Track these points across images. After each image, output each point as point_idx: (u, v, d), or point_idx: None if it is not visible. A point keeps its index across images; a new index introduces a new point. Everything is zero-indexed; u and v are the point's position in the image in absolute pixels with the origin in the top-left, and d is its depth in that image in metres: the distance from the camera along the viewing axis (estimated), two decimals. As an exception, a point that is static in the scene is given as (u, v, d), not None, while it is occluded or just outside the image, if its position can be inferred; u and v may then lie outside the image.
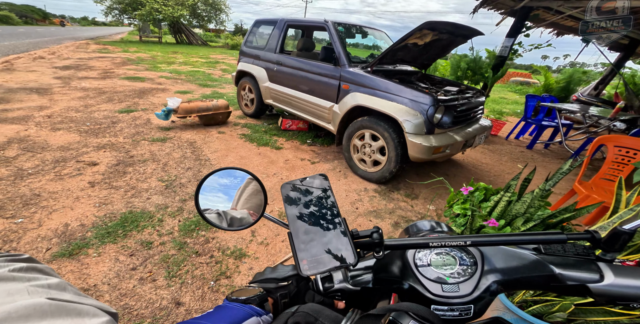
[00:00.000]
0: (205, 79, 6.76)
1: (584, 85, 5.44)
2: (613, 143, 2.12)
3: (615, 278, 0.32)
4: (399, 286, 0.39)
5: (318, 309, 0.36)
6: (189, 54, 12.54)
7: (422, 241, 0.35)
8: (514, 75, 15.13)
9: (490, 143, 4.01)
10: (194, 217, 1.84)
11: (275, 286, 0.45)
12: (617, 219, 1.01)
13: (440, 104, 2.19)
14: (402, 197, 2.37)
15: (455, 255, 0.39)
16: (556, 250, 0.36)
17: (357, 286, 0.43)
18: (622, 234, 0.32)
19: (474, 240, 0.33)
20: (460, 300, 0.35)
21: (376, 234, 0.36)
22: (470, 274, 0.37)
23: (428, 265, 0.39)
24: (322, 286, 0.44)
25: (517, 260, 0.37)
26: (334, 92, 2.76)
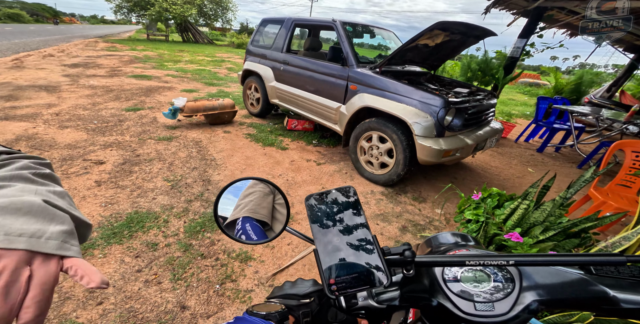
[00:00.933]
0: (211, 78, 6.77)
1: (595, 87, 5.31)
2: (631, 149, 2.05)
3: None
4: (427, 303, 0.37)
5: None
6: (195, 52, 12.60)
7: (456, 259, 0.33)
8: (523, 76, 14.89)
9: (500, 146, 3.93)
10: (200, 218, 1.82)
11: (296, 304, 0.43)
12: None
13: (451, 106, 2.14)
14: (409, 200, 2.33)
15: (489, 271, 0.37)
16: (609, 270, 0.34)
17: (383, 303, 0.41)
18: None
19: (518, 260, 0.31)
20: (494, 319, 0.33)
21: (408, 252, 0.34)
22: (508, 292, 0.34)
23: (457, 280, 0.37)
24: (345, 304, 0.42)
25: (562, 279, 0.34)
26: (341, 92, 2.72)
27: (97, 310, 1.21)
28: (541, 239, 1.19)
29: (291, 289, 0.46)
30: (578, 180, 1.24)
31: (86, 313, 1.19)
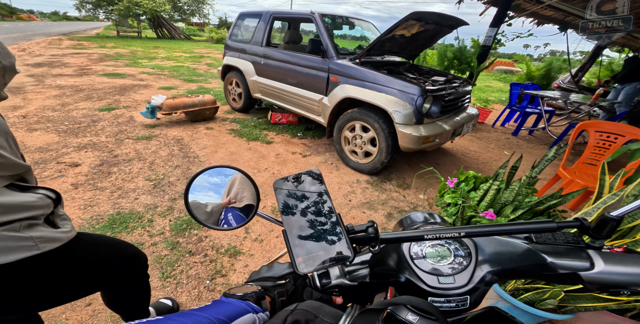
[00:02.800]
0: (190, 74, 6.54)
1: (564, 73, 5.61)
2: (594, 129, 2.20)
3: (605, 265, 0.33)
4: (396, 279, 0.39)
5: (317, 306, 0.35)
6: (172, 48, 12.07)
7: (417, 234, 0.35)
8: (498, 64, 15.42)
9: (478, 131, 4.10)
10: (185, 216, 1.81)
11: (272, 285, 0.44)
12: (602, 204, 1.04)
13: (429, 94, 2.20)
14: (394, 187, 2.41)
15: (450, 246, 0.40)
16: (547, 238, 0.37)
17: (355, 281, 0.43)
18: (610, 221, 0.32)
19: (467, 231, 0.34)
20: (456, 291, 0.36)
21: (371, 228, 0.36)
22: (465, 265, 0.38)
23: (423, 257, 0.39)
24: (319, 283, 0.44)
25: (510, 250, 0.38)
26: (322, 84, 2.73)
27: (87, 311, 1.19)
28: (512, 218, 1.26)
29: (268, 272, 0.48)
30: (542, 159, 1.32)
31: (75, 314, 1.18)
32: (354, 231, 0.36)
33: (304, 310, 0.34)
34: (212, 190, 0.49)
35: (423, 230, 0.35)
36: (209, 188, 0.49)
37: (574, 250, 0.36)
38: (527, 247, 0.37)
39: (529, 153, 3.45)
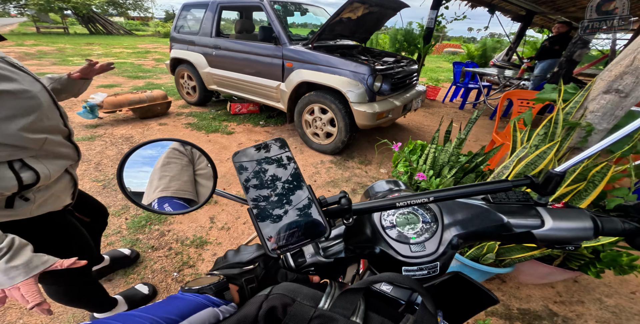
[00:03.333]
0: (136, 70, 5.98)
1: (497, 52, 6.27)
2: (516, 97, 2.53)
3: (553, 222, 0.34)
4: (371, 251, 0.39)
5: (294, 288, 0.32)
6: (110, 44, 10.81)
7: (388, 202, 0.35)
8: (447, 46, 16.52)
9: (430, 107, 4.44)
10: (144, 213, 1.74)
11: (238, 272, 0.40)
12: (515, 157, 1.20)
13: (378, 73, 2.33)
14: (356, 165, 2.54)
15: (417, 213, 0.40)
16: (502, 198, 0.39)
17: (330, 257, 0.41)
18: (555, 176, 0.34)
19: (436, 196, 0.34)
20: (427, 259, 0.37)
21: (344, 199, 0.34)
22: (433, 231, 0.38)
23: (394, 226, 0.39)
24: (293, 263, 0.42)
25: (471, 212, 0.39)
26: (278, 71, 2.73)
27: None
28: (448, 177, 1.39)
29: (234, 258, 0.43)
30: (468, 122, 1.50)
31: (34, 319, 1.11)
32: (327, 204, 0.34)
33: (280, 294, 0.31)
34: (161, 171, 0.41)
35: (394, 198, 0.35)
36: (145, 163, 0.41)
37: (525, 208, 0.37)
38: (486, 208, 0.38)
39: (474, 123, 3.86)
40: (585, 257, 1.12)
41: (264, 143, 0.35)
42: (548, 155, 1.07)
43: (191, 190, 0.41)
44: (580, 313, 1.31)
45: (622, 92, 1.02)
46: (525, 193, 0.38)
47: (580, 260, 1.14)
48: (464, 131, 1.49)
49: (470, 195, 0.35)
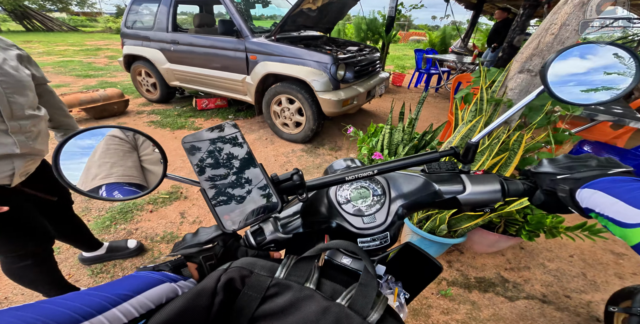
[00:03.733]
0: (85, 69, 5.51)
1: (455, 39, 6.65)
2: (465, 80, 2.76)
3: (472, 187, 0.39)
4: (328, 225, 0.41)
5: (252, 261, 0.33)
6: (52, 42, 9.74)
7: (338, 177, 0.38)
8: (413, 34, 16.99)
9: (397, 93, 4.65)
10: (107, 213, 1.70)
11: (196, 250, 0.40)
12: (457, 132, 1.33)
13: (340, 62, 2.41)
14: (327, 151, 2.64)
15: (368, 186, 0.43)
16: (435, 168, 0.43)
17: (289, 233, 0.43)
18: (471, 146, 0.39)
19: (379, 168, 0.38)
20: (378, 229, 0.40)
21: (296, 175, 0.35)
22: (382, 203, 0.41)
23: (349, 200, 0.42)
24: (254, 241, 0.43)
25: (412, 183, 0.43)
26: (242, 64, 2.70)
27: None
28: (402, 155, 1.51)
29: (192, 240, 0.43)
30: (418, 103, 1.63)
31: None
32: (279, 180, 0.36)
33: (238, 267, 0.32)
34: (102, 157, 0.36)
35: (343, 173, 0.38)
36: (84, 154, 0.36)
37: (453, 176, 0.42)
38: (423, 179, 0.43)
39: (435, 106, 4.11)
40: (519, 222, 1.27)
41: (213, 127, 0.36)
42: (477, 128, 1.22)
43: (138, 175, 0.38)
44: (527, 278, 1.43)
45: (532, 72, 1.18)
46: (453, 163, 0.44)
47: (515, 225, 1.30)
48: (414, 111, 1.62)
49: (407, 166, 0.40)
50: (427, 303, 1.27)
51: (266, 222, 0.44)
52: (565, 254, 1.61)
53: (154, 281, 0.30)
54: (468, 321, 1.21)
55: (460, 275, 1.42)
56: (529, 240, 1.23)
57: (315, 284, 0.30)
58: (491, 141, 1.21)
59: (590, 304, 1.33)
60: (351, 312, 0.28)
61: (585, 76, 0.37)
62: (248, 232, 0.44)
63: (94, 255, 1.34)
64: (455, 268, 1.46)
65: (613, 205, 0.27)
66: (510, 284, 1.40)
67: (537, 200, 0.38)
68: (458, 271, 1.44)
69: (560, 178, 0.34)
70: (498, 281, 1.41)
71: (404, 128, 1.58)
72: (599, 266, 1.54)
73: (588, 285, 1.43)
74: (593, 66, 0.36)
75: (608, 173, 0.31)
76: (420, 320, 1.20)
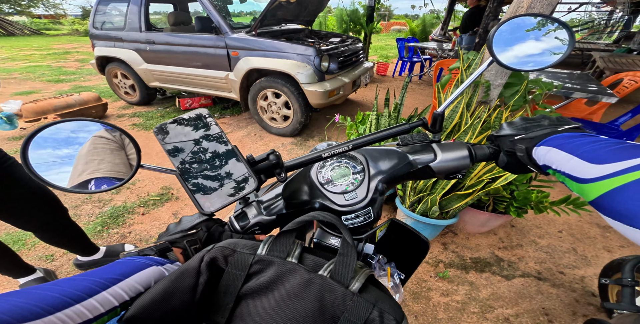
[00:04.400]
0: (56, 74, 5.22)
1: (435, 27, 6.73)
2: (446, 65, 2.82)
3: (442, 154, 0.41)
4: (311, 207, 0.42)
5: (234, 241, 0.33)
6: (16, 46, 9.11)
7: (315, 155, 0.39)
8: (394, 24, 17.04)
9: (382, 82, 4.70)
10: (97, 218, 1.66)
11: (180, 236, 0.40)
12: None
13: (324, 53, 2.41)
14: (317, 143, 2.65)
15: (349, 165, 0.44)
16: (408, 140, 0.45)
17: (272, 215, 0.43)
18: (438, 116, 0.42)
19: (353, 143, 0.39)
20: (360, 205, 0.40)
21: (272, 155, 0.36)
22: (362, 179, 0.42)
23: (330, 180, 0.42)
24: (238, 225, 0.43)
25: (388, 157, 0.44)
26: (224, 61, 2.65)
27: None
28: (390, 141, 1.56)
29: (176, 228, 0.43)
30: (402, 88, 1.65)
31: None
32: (255, 161, 0.36)
33: (220, 247, 0.32)
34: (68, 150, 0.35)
35: (319, 151, 0.39)
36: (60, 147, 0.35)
37: (425, 146, 0.44)
38: (398, 151, 0.44)
39: (420, 93, 4.19)
40: (506, 198, 1.31)
41: (183, 116, 0.36)
42: (459, 109, 1.27)
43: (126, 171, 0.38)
44: (521, 256, 1.46)
45: None
46: (425, 134, 0.46)
47: (503, 202, 1.34)
48: (399, 97, 1.65)
49: (380, 139, 0.41)
50: (427, 286, 1.29)
51: (249, 206, 0.44)
52: (554, 230, 1.63)
53: (141, 265, 0.30)
54: (468, 302, 1.23)
55: (456, 257, 1.44)
56: (518, 216, 1.26)
57: (297, 258, 0.31)
58: (473, 121, 1.25)
59: (584, 279, 1.34)
60: (333, 282, 0.28)
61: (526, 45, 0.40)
62: (231, 217, 0.44)
63: (90, 259, 1.31)
64: (450, 250, 1.48)
65: (568, 161, 0.27)
66: (505, 263, 1.42)
67: (501, 162, 0.40)
68: (454, 253, 1.47)
69: (518, 138, 0.35)
70: (493, 261, 1.43)
71: (389, 114, 1.61)
72: (587, 240, 1.58)
73: (579, 260, 1.45)
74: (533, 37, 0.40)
75: (558, 130, 0.32)
76: (422, 303, 1.21)
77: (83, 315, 0.23)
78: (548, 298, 1.27)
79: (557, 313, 1.20)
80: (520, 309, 1.21)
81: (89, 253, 1.29)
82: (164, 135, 0.35)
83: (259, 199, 0.46)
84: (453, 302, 1.23)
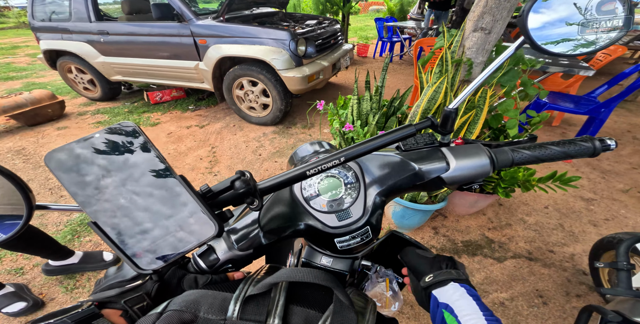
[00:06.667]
0: (4, 70, 4.70)
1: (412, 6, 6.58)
2: (426, 44, 2.76)
3: (457, 162, 0.34)
4: (295, 229, 0.35)
5: (195, 298, 0.26)
6: (-50, 42, 8.03)
7: (297, 172, 0.30)
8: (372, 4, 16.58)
9: (363, 64, 4.57)
10: (66, 227, 1.54)
11: (116, 292, 0.30)
12: (424, 95, 1.31)
13: (299, 37, 2.27)
14: (300, 130, 2.57)
15: (338, 175, 0.37)
16: (411, 144, 0.38)
17: (248, 249, 0.36)
18: (450, 113, 0.34)
19: (346, 154, 0.31)
20: (356, 225, 0.35)
21: (239, 182, 0.27)
22: (356, 193, 0.36)
23: (317, 195, 0.36)
24: (204, 264, 0.35)
25: (387, 165, 0.37)
26: (192, 49, 2.45)
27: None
28: (372, 124, 1.47)
29: (115, 275, 0.34)
30: (382, 70, 1.56)
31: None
32: (213, 193, 0.27)
33: (175, 311, 0.24)
34: None
35: (303, 166, 0.31)
36: None
37: (432, 151, 0.36)
38: (399, 159, 0.37)
39: (401, 73, 4.12)
40: (493, 179, 1.30)
41: (96, 132, 0.24)
42: (442, 89, 1.23)
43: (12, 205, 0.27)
44: (510, 236, 1.44)
45: (485, 30, 1.19)
46: (431, 135, 0.38)
47: (491, 183, 1.32)
48: (379, 79, 1.59)
49: (379, 147, 0.32)
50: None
51: (217, 240, 0.36)
52: (540, 206, 1.63)
53: None
54: None
55: (447, 241, 1.42)
56: (506, 196, 1.25)
57: (281, 317, 0.25)
58: None
59: (574, 257, 1.33)
60: None
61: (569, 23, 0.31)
62: (195, 254, 0.35)
63: (63, 263, 1.20)
64: (441, 234, 1.47)
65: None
66: (495, 244, 1.40)
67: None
68: (444, 237, 1.45)
69: None
70: (484, 243, 1.40)
71: (371, 97, 1.55)
72: (572, 215, 1.58)
73: (567, 237, 1.44)
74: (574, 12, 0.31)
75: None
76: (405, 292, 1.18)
77: None
78: (540, 279, 1.25)
79: (550, 294, 1.20)
80: (515, 292, 1.20)
81: (60, 257, 1.17)
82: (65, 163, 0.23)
83: (229, 228, 0.38)
84: (448, 291, 1.22)
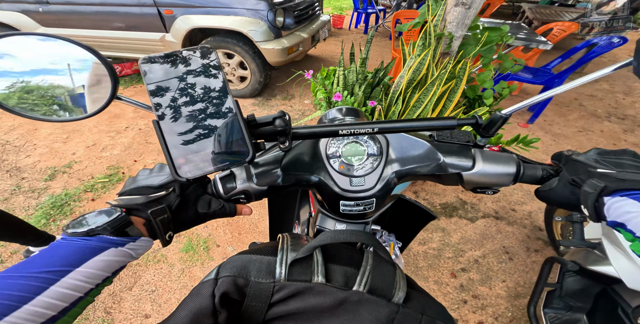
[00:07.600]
0: None
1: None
2: (403, 17, 2.78)
3: (483, 164, 0.34)
4: (309, 180, 0.37)
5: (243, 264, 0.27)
6: None
7: (331, 128, 0.32)
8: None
9: (339, 36, 4.52)
10: (37, 211, 1.51)
11: (143, 201, 0.31)
12: (407, 67, 1.39)
13: (278, 7, 2.17)
14: (280, 101, 2.57)
15: (365, 144, 0.38)
16: (445, 136, 0.37)
17: (264, 185, 0.36)
18: (500, 118, 0.33)
19: (381, 127, 0.32)
20: (365, 194, 0.36)
21: (279, 120, 0.29)
22: (375, 165, 0.37)
23: (339, 156, 0.37)
24: (222, 188, 0.36)
25: (414, 149, 0.37)
26: (156, 20, 2.26)
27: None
28: (359, 94, 1.53)
29: (145, 179, 0.35)
30: (366, 42, 1.59)
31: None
32: (257, 123, 0.29)
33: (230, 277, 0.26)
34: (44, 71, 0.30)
35: (338, 125, 0.32)
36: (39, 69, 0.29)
37: (463, 148, 0.36)
38: (428, 146, 0.37)
39: (377, 45, 4.13)
40: None
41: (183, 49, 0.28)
42: (426, 61, 1.32)
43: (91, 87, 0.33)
44: (480, 197, 1.58)
45: (466, 4, 1.27)
46: (469, 134, 0.38)
47: None
48: (364, 51, 1.63)
49: (416, 129, 0.33)
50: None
51: (240, 167, 0.36)
52: None
53: (93, 249, 0.24)
54: (443, 248, 1.32)
55: (427, 204, 1.52)
56: None
57: (324, 275, 0.27)
58: (440, 71, 1.33)
59: (531, 215, 1.47)
60: (373, 297, 0.26)
61: None
62: (217, 177, 0.37)
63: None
64: (422, 198, 1.61)
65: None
66: (468, 205, 1.54)
67: (547, 186, 0.33)
68: (425, 200, 1.59)
69: (602, 172, 0.28)
70: (459, 204, 1.53)
71: (357, 69, 1.61)
72: None
73: (525, 195, 1.59)
74: None
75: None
76: (403, 255, 1.27)
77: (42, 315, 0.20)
78: (506, 236, 1.39)
79: (514, 250, 1.34)
80: (486, 250, 1.33)
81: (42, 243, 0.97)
82: (152, 66, 0.26)
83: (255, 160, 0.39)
84: (430, 250, 1.33)
